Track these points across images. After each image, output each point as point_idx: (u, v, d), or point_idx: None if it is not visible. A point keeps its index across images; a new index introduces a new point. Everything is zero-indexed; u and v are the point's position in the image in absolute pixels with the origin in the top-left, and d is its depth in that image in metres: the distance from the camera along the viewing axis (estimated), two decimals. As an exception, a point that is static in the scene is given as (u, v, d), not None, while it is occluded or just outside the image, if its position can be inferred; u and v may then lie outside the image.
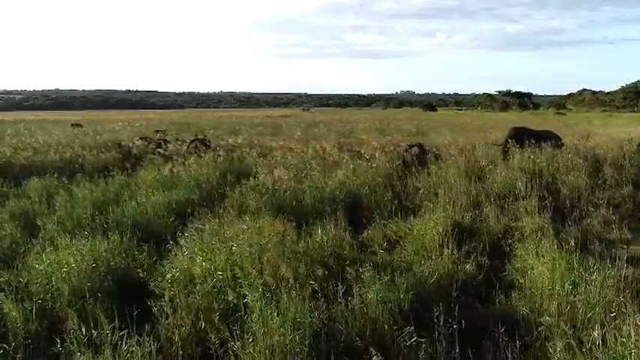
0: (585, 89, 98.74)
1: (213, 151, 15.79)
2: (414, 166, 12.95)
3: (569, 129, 25.11)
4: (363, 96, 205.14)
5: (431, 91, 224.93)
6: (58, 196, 10.66)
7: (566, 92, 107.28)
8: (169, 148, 16.73)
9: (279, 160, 13.41)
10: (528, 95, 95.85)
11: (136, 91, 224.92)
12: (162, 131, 24.02)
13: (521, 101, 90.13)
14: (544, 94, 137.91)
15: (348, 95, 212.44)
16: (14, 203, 9.55)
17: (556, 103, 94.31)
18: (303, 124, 32.15)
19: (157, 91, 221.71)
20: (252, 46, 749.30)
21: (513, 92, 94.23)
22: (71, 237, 6.73)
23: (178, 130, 26.62)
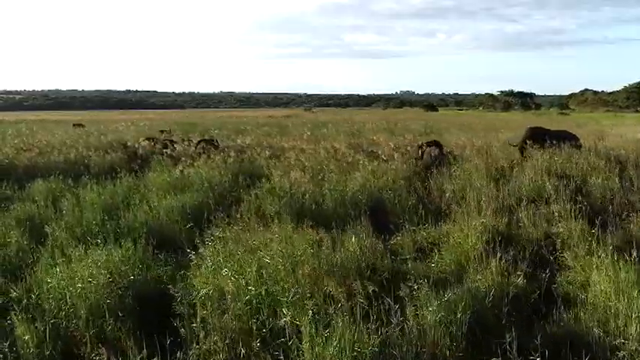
0: (587, 89, 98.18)
1: (222, 152, 15.29)
2: (434, 167, 12.51)
3: (582, 129, 24.61)
4: (363, 96, 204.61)
5: (431, 91, 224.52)
6: (65, 200, 10.17)
7: (566, 92, 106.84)
8: (177, 149, 16.20)
9: (293, 161, 12.88)
10: (531, 95, 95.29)
11: (136, 91, 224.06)
12: (167, 131, 23.51)
13: (523, 101, 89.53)
14: (544, 94, 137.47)
15: (348, 95, 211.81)
16: (20, 208, 9.01)
17: (559, 103, 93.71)
18: (309, 124, 31.57)
19: (156, 91, 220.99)
20: (252, 46, 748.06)
21: (516, 92, 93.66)
22: (84, 247, 6.20)
23: (183, 130, 26.07)
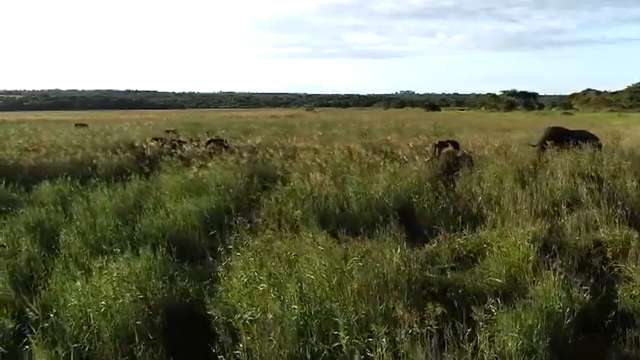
0: (589, 89, 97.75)
1: (233, 153, 14.79)
2: (454, 168, 12.03)
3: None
4: (363, 96, 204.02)
5: (431, 91, 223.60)
6: (75, 203, 9.68)
7: (566, 92, 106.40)
8: (186, 150, 15.68)
9: (309, 162, 12.37)
10: (534, 95, 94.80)
11: (136, 91, 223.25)
12: (173, 131, 23.01)
13: (526, 101, 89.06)
14: (544, 94, 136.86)
15: (348, 95, 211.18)
16: (29, 212, 8.49)
17: (562, 103, 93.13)
18: (317, 123, 31.06)
19: (156, 91, 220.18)
20: (252, 46, 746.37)
21: (518, 92, 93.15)
22: (103, 257, 5.69)
23: (188, 130, 25.53)
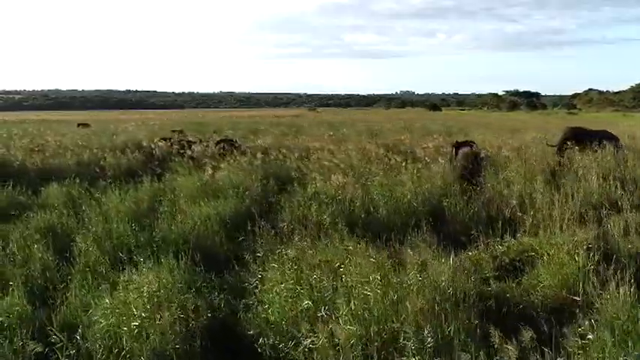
0: (591, 89, 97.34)
1: (245, 154, 14.29)
2: (478, 170, 11.58)
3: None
4: (363, 96, 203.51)
5: (431, 91, 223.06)
6: (87, 207, 9.20)
7: (567, 92, 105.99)
8: (196, 150, 15.17)
9: (327, 163, 11.88)
10: (536, 95, 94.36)
11: (136, 91, 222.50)
12: (179, 131, 22.48)
13: (529, 101, 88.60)
14: (545, 94, 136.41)
15: (348, 95, 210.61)
16: (40, 217, 8.01)
17: (566, 103, 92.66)
18: (324, 123, 30.55)
19: (156, 91, 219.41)
20: (252, 46, 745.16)
21: (521, 92, 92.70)
22: (125, 268, 5.21)
23: (194, 130, 25.01)
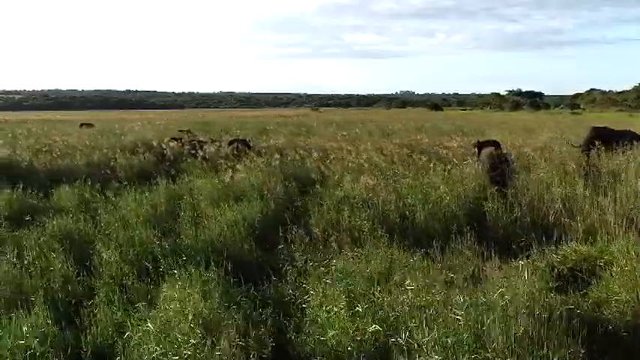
0: (593, 89, 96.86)
1: (260, 154, 13.76)
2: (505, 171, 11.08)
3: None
4: (363, 96, 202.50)
5: (431, 91, 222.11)
6: (102, 211, 8.69)
7: (567, 92, 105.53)
8: (208, 150, 14.63)
9: (351, 164, 11.36)
10: (540, 95, 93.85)
11: (136, 91, 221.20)
12: (187, 131, 21.94)
13: (532, 101, 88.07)
14: (545, 94, 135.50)
15: (349, 95, 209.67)
16: (55, 222, 7.48)
17: (567, 103, 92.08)
18: (332, 123, 30.00)
19: (156, 91, 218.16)
20: (252, 46, 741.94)
21: (524, 92, 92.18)
22: (152, 279, 4.68)
23: (201, 130, 24.43)
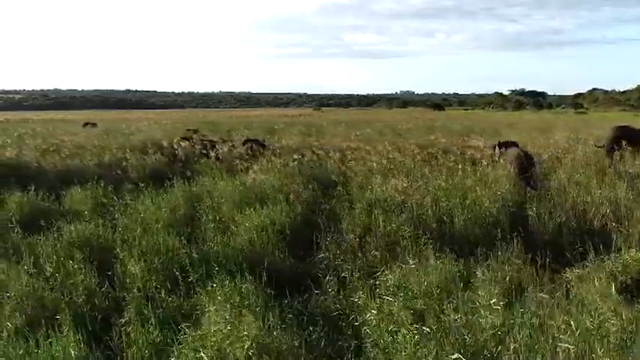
0: (595, 89, 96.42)
1: (275, 155, 13.25)
2: (535, 173, 10.62)
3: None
4: (364, 96, 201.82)
5: (431, 91, 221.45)
6: (119, 214, 8.19)
7: (567, 92, 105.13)
8: (223, 150, 14.12)
9: (376, 165, 10.86)
10: (542, 95, 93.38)
11: (136, 90, 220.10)
12: (195, 130, 21.43)
13: (535, 101, 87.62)
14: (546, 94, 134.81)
15: (349, 95, 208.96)
16: (73, 228, 6.98)
17: (570, 103, 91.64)
18: (342, 123, 29.47)
19: (156, 91, 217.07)
20: (252, 46, 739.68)
21: (527, 91, 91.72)
22: (180, 290, 4.20)
23: (208, 130, 23.88)
